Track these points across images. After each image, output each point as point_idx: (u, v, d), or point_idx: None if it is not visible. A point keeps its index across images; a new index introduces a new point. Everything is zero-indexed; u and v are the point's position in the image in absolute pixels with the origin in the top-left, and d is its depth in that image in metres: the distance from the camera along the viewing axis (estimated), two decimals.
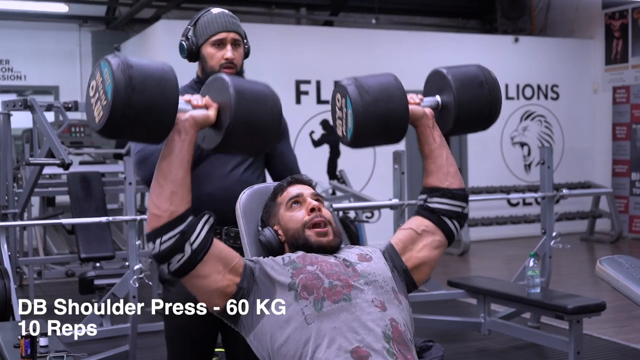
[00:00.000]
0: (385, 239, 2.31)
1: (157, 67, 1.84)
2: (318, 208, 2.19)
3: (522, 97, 10.72)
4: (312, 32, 10.15)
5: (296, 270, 2.03)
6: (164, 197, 1.91)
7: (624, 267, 2.33)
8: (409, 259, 2.20)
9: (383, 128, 2.13)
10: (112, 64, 1.76)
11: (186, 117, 1.91)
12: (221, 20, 2.63)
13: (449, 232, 2.25)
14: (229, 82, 1.93)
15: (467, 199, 2.29)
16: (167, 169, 1.91)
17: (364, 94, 2.09)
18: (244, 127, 1.92)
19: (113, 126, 1.77)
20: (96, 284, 5.64)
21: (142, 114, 1.77)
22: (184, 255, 1.91)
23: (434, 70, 2.33)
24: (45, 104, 5.41)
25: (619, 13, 10.62)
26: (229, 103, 1.90)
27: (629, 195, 10.37)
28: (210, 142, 1.99)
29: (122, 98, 1.74)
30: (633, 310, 5.55)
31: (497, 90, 2.28)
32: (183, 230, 1.91)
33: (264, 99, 1.98)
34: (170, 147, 1.91)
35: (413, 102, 2.24)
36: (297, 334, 1.93)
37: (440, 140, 2.27)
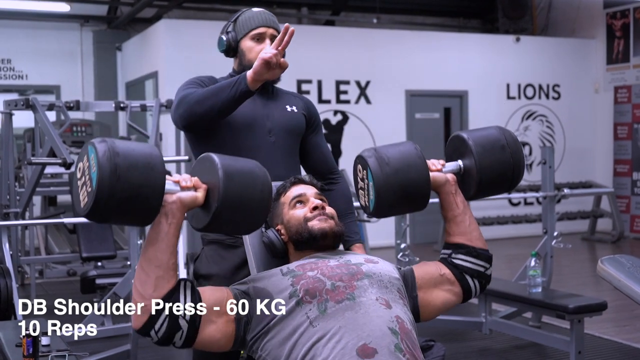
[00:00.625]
0: (386, 239, 2.32)
1: (144, 153, 1.83)
2: (321, 206, 2.20)
3: (523, 96, 10.72)
4: (314, 32, 10.15)
5: (296, 277, 2.03)
6: (149, 285, 1.90)
7: (626, 266, 2.33)
8: (424, 293, 2.20)
9: (405, 198, 2.14)
10: (98, 150, 1.77)
11: (173, 199, 1.90)
12: (262, 16, 2.69)
13: (468, 290, 2.25)
14: (218, 163, 1.91)
15: (491, 260, 2.28)
16: (152, 254, 1.90)
17: (384, 166, 2.11)
18: (231, 210, 1.92)
19: (97, 213, 1.79)
20: (98, 283, 5.64)
21: (126, 203, 1.78)
22: (182, 330, 1.92)
23: (455, 135, 2.32)
24: (47, 104, 5.42)
25: (620, 13, 10.62)
26: (217, 185, 1.89)
27: (631, 195, 10.36)
28: (198, 221, 1.99)
29: (106, 187, 1.74)
30: (634, 310, 5.55)
31: (520, 152, 2.27)
32: (170, 313, 1.90)
33: (253, 181, 1.97)
34: (157, 230, 1.90)
35: (435, 169, 2.25)
36: (304, 338, 1.93)
37: (463, 206, 2.28)
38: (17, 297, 4.39)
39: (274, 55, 2.38)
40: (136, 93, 9.89)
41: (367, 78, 9.71)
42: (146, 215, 1.85)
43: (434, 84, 10.04)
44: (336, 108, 9.58)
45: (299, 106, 2.76)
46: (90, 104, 6.48)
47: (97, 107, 6.60)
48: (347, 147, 9.56)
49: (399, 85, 9.87)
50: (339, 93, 9.60)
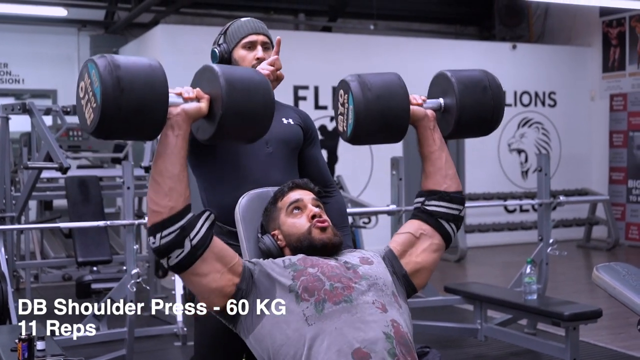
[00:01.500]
0: (383, 245, 2.32)
1: (145, 64, 1.83)
2: (319, 214, 2.20)
3: (519, 104, 10.75)
4: (311, 38, 10.17)
5: (297, 272, 2.04)
6: (162, 194, 1.91)
7: (621, 274, 2.34)
8: (408, 264, 2.21)
9: (383, 125, 2.13)
10: (99, 65, 1.76)
11: (178, 111, 1.91)
12: (251, 24, 2.71)
13: (447, 235, 2.27)
14: (219, 72, 1.92)
15: (463, 202, 2.30)
16: (162, 166, 1.92)
17: (366, 91, 2.10)
18: (236, 117, 1.93)
19: (104, 128, 1.78)
20: (93, 288, 5.64)
21: (133, 114, 1.78)
22: (183, 250, 1.92)
23: (439, 73, 2.34)
24: (43, 108, 5.42)
25: (616, 21, 10.66)
26: (220, 93, 1.90)
27: (626, 203, 10.38)
28: (204, 132, 1.99)
29: (111, 100, 1.74)
30: (629, 318, 5.55)
31: (501, 96, 2.29)
32: (183, 226, 1.92)
33: (255, 87, 1.97)
34: (165, 143, 1.92)
35: (415, 103, 2.26)
36: (297, 335, 1.94)
37: (440, 142, 2.28)
38: (13, 301, 4.38)
39: (271, 72, 2.43)
40: None
41: None
42: (153, 127, 1.85)
43: None
44: (333, 114, 9.58)
45: (296, 119, 2.77)
46: None
47: None
48: (343, 153, 9.57)
49: None
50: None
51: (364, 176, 9.63)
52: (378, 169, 9.44)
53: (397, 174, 5.03)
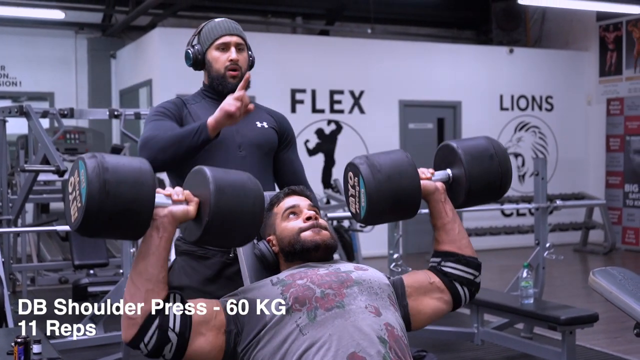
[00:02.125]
0: (379, 249, 2.33)
1: (134, 168, 1.83)
2: (314, 217, 2.20)
3: (516, 108, 10.76)
4: (308, 42, 10.17)
5: (285, 286, 2.03)
6: (138, 297, 1.89)
7: (617, 278, 2.34)
8: (414, 301, 2.21)
9: (396, 205, 2.15)
10: (87, 166, 1.77)
11: (165, 212, 1.90)
12: (224, 25, 2.68)
13: (457, 297, 2.26)
14: (210, 177, 1.91)
15: (480, 268, 2.30)
16: (143, 268, 1.90)
17: (376, 173, 2.12)
18: (223, 223, 1.92)
19: (87, 228, 1.79)
20: (90, 291, 5.63)
21: (116, 218, 1.78)
22: (172, 343, 1.91)
23: (444, 144, 2.35)
24: (40, 111, 5.41)
25: (613, 25, 10.68)
26: (209, 199, 1.89)
27: (622, 207, 10.40)
28: (190, 234, 1.99)
29: (96, 203, 1.74)
30: (625, 322, 5.55)
31: (507, 162, 2.31)
32: (159, 324, 1.90)
33: (244, 194, 1.96)
34: (148, 244, 1.90)
35: (424, 177, 2.26)
36: (294, 347, 1.93)
37: (452, 214, 2.29)
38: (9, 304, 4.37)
39: (238, 108, 2.40)
40: (130, 101, 9.88)
41: (361, 88, 9.74)
42: (137, 229, 1.86)
43: (427, 95, 10.07)
44: (330, 118, 9.60)
45: (270, 122, 2.77)
46: (85, 112, 6.48)
47: (91, 115, 6.61)
48: (340, 156, 9.57)
49: (393, 96, 9.90)
50: (332, 103, 9.62)
51: None
52: None
53: None
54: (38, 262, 7.47)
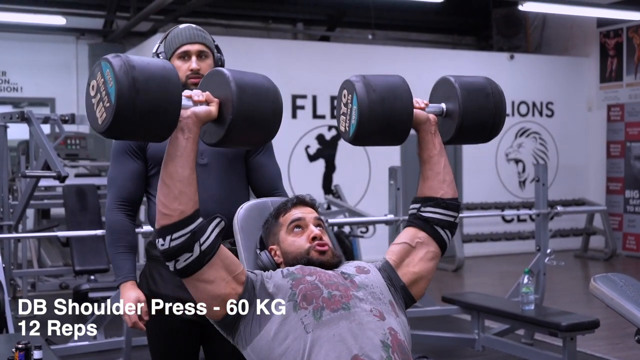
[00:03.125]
0: (380, 254, 2.32)
1: (159, 65, 1.82)
2: (319, 237, 2.21)
3: (517, 114, 10.77)
4: (309, 47, 10.19)
5: (295, 280, 2.04)
6: (171, 197, 1.91)
7: (618, 285, 2.34)
8: (405, 274, 2.21)
9: (386, 127, 2.13)
10: (114, 65, 1.74)
11: (188, 114, 1.90)
12: (186, 34, 2.67)
13: (442, 242, 2.27)
14: (230, 76, 1.92)
15: (459, 209, 2.30)
16: (172, 169, 1.91)
17: (370, 92, 2.10)
18: (246, 122, 1.92)
19: (117, 128, 1.77)
20: (90, 297, 5.63)
21: (146, 116, 1.76)
22: (192, 254, 1.93)
23: (442, 78, 2.35)
24: (42, 117, 5.42)
25: (613, 32, 10.69)
26: (230, 98, 1.89)
27: (623, 213, 10.40)
28: (212, 136, 1.99)
29: (126, 101, 1.72)
30: (626, 328, 5.55)
31: (503, 103, 2.30)
32: (194, 230, 1.92)
33: (265, 93, 1.97)
34: (175, 146, 1.91)
35: (418, 106, 2.26)
36: (296, 344, 1.94)
37: (440, 147, 2.29)
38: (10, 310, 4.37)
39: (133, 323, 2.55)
40: None
41: None
42: (165, 129, 1.84)
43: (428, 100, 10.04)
44: (331, 123, 9.60)
45: None
46: (85, 117, 6.48)
47: None
48: (341, 162, 9.58)
49: None
50: (333, 108, 9.62)
51: (362, 185, 9.63)
52: (376, 178, 9.45)
53: (395, 183, 5.04)
54: (39, 267, 7.47)
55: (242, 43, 9.37)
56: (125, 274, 2.62)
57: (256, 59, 9.05)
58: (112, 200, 2.68)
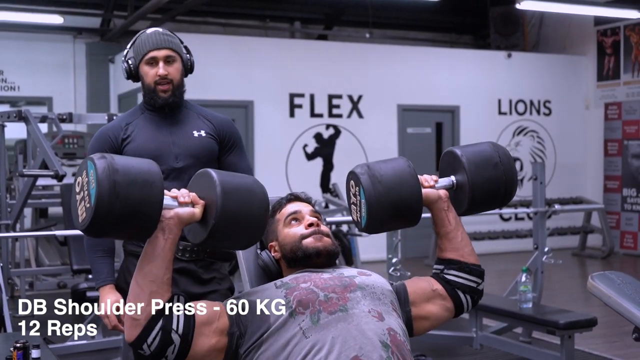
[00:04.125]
0: (378, 253, 2.33)
1: (143, 169, 1.82)
2: (316, 224, 2.20)
3: (514, 112, 10.77)
4: (306, 46, 10.19)
5: (289, 289, 2.03)
6: (142, 298, 1.89)
7: (616, 283, 2.34)
8: (416, 307, 2.20)
9: (396, 215, 2.14)
10: (97, 167, 1.76)
11: (171, 214, 1.90)
12: (152, 39, 2.71)
13: (460, 305, 2.25)
14: (216, 180, 1.91)
15: (483, 276, 2.28)
16: (147, 269, 1.90)
17: (376, 184, 2.11)
18: (229, 226, 1.91)
19: (95, 229, 1.78)
20: (89, 296, 5.62)
21: (125, 220, 1.77)
22: (175, 345, 1.91)
23: (448, 151, 2.32)
24: (39, 116, 5.42)
25: (610, 30, 10.70)
26: (215, 202, 1.89)
27: (621, 211, 10.41)
28: (195, 237, 1.99)
29: (105, 205, 1.73)
30: (624, 326, 5.54)
31: (512, 170, 2.27)
32: (162, 325, 1.90)
33: (250, 197, 1.96)
34: (153, 246, 1.90)
35: (427, 185, 2.24)
36: (296, 350, 1.93)
37: (456, 222, 2.28)
38: (7, 309, 4.37)
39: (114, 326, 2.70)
40: (128, 105, 9.87)
41: (360, 92, 9.74)
42: (144, 231, 1.85)
43: (425, 99, 10.08)
44: (328, 122, 9.60)
45: (208, 129, 2.79)
46: (83, 116, 6.48)
47: (89, 120, 6.60)
48: (339, 161, 9.58)
49: (391, 100, 9.91)
50: (331, 107, 9.63)
51: None
52: None
53: None
54: (36, 266, 7.47)
55: (239, 42, 9.37)
56: (104, 277, 2.72)
57: (254, 57, 9.05)
58: None
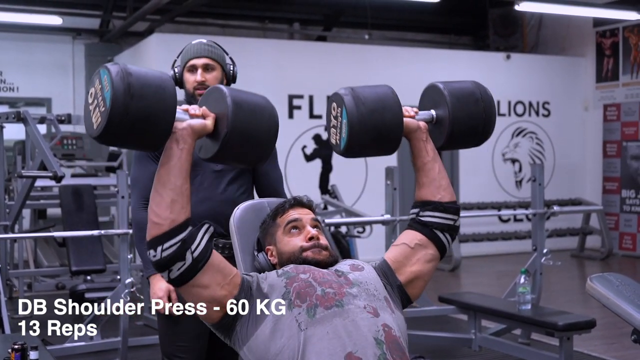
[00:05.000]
0: (377, 254, 2.33)
1: (156, 75, 1.85)
2: (317, 237, 2.21)
3: (513, 113, 10.77)
4: (305, 47, 10.19)
5: (289, 279, 2.06)
6: (163, 205, 1.92)
7: (614, 284, 2.34)
8: (402, 274, 2.22)
9: (377, 139, 2.14)
10: (111, 71, 1.78)
11: (184, 125, 1.92)
12: (194, 49, 2.94)
13: (441, 245, 2.27)
14: (227, 92, 1.94)
15: (458, 212, 2.30)
16: (165, 177, 1.92)
17: (360, 105, 2.10)
18: (240, 138, 1.94)
19: (110, 133, 1.79)
20: (87, 297, 5.63)
21: (140, 122, 1.79)
22: (184, 263, 1.93)
23: (430, 85, 2.35)
24: (38, 117, 5.42)
25: (609, 31, 10.70)
26: (226, 113, 1.92)
27: (619, 213, 10.41)
28: (207, 151, 2.00)
29: (120, 105, 1.75)
30: (623, 328, 5.54)
31: (492, 108, 2.31)
32: (184, 239, 1.92)
33: (261, 111, 1.99)
34: (169, 155, 1.92)
35: (408, 115, 2.26)
36: (291, 342, 1.95)
37: (433, 153, 2.29)
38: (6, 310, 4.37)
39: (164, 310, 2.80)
40: None
41: None
42: (158, 137, 1.87)
43: None
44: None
45: None
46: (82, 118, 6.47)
47: None
48: (337, 162, 9.57)
49: None
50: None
51: (359, 186, 9.63)
52: (372, 178, 9.44)
53: (392, 183, 5.03)
54: (35, 268, 7.46)
55: (238, 43, 9.37)
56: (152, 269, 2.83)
57: (253, 59, 9.05)
58: (137, 200, 2.92)
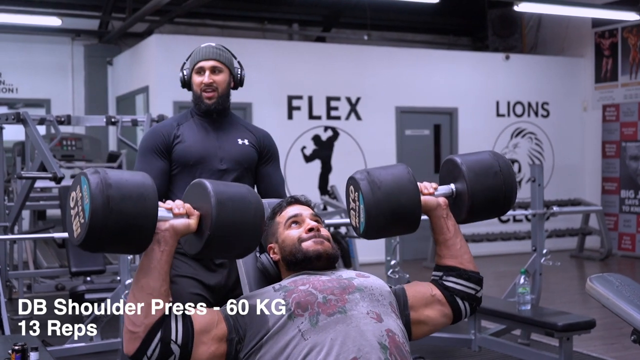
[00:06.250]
0: (376, 255, 2.33)
1: (137, 183, 1.82)
2: (317, 228, 2.21)
3: (512, 114, 10.78)
4: (304, 48, 10.18)
5: (288, 292, 2.04)
6: (140, 311, 1.89)
7: (614, 285, 2.34)
8: (415, 311, 2.21)
9: (394, 222, 2.15)
10: (91, 182, 1.76)
11: (166, 226, 1.90)
12: (203, 52, 3.02)
13: (458, 312, 2.26)
14: (211, 190, 1.92)
15: (481, 283, 2.29)
16: (144, 281, 1.90)
17: (375, 190, 2.12)
18: (224, 238, 1.92)
19: (90, 244, 1.78)
20: (87, 298, 5.62)
21: (120, 234, 1.77)
22: (175, 355, 1.91)
23: (448, 159, 2.33)
24: (37, 118, 5.42)
25: (608, 32, 10.71)
26: (210, 212, 1.89)
27: (619, 213, 10.41)
28: (191, 247, 1.99)
29: (99, 219, 1.73)
30: (622, 328, 5.56)
31: (512, 177, 2.28)
32: (161, 337, 1.89)
33: (245, 206, 1.97)
34: (149, 258, 1.90)
35: (427, 192, 2.25)
36: (295, 352, 1.93)
37: (454, 229, 2.28)
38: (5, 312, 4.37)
39: None
40: (127, 107, 9.89)
41: (358, 94, 9.74)
42: (139, 244, 1.86)
43: (424, 101, 10.08)
44: (326, 124, 9.60)
45: (251, 139, 3.06)
46: (82, 119, 6.49)
47: (88, 122, 6.61)
48: (337, 163, 9.58)
49: (389, 102, 9.91)
50: (329, 109, 9.63)
51: None
52: None
53: None
54: (34, 269, 7.45)
55: (237, 44, 9.36)
56: None
57: (252, 60, 9.04)
58: None
